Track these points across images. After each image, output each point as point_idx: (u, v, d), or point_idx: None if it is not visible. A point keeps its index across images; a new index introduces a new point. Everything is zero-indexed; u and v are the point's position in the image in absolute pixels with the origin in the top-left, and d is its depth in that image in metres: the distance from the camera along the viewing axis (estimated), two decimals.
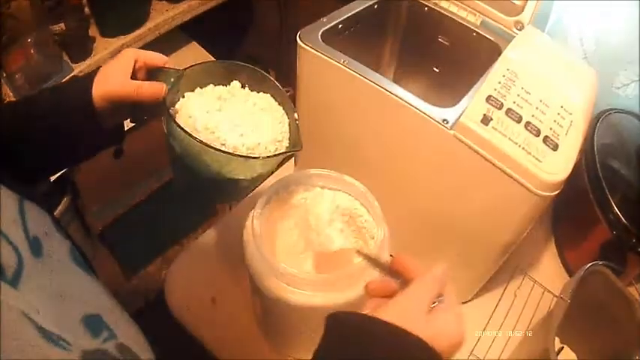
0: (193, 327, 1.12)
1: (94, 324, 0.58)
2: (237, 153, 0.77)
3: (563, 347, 1.12)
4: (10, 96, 1.52)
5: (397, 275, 0.70)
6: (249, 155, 0.78)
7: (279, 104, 0.88)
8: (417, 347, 0.56)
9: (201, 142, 0.73)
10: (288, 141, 0.85)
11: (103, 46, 1.68)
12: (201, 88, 0.87)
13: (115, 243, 1.97)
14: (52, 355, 0.46)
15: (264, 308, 0.98)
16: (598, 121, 1.24)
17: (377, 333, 0.57)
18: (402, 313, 0.60)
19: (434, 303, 0.64)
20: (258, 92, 0.88)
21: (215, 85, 0.88)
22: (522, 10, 1.07)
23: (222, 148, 0.75)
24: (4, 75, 1.52)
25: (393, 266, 0.71)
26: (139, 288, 1.97)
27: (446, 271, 0.67)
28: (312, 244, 0.92)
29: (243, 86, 0.88)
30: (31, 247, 0.56)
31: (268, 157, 0.79)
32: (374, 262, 0.76)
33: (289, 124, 0.86)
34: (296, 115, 0.86)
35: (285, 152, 0.82)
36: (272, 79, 0.87)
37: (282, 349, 1.09)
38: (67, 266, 0.63)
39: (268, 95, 0.88)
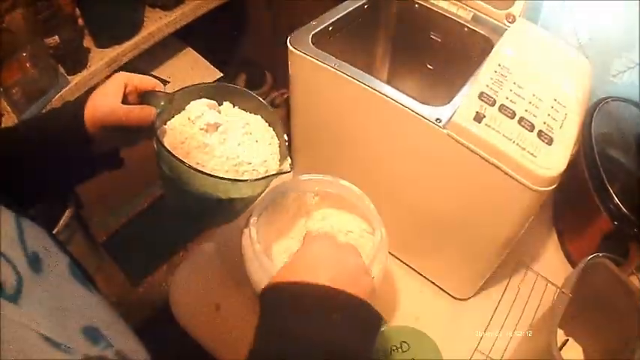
0: (198, 334, 1.12)
1: (92, 335, 0.59)
2: (226, 177, 0.77)
3: (568, 340, 1.11)
4: (8, 111, 1.53)
5: None
6: (238, 179, 0.78)
7: (269, 125, 0.87)
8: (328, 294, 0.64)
9: (189, 166, 0.73)
10: (278, 162, 0.85)
11: (98, 56, 1.68)
12: None
13: (120, 252, 1.97)
14: (55, 356, 0.48)
15: None
16: (595, 110, 1.23)
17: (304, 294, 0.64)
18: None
19: None
20: (249, 113, 0.88)
21: None
22: (513, 3, 1.07)
23: (211, 172, 0.75)
24: (1, 90, 1.52)
25: None
26: (145, 296, 1.97)
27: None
28: None
29: (233, 107, 0.88)
30: (30, 263, 0.56)
31: (257, 179, 0.79)
32: None
33: (279, 145, 0.86)
34: (285, 136, 0.86)
35: (274, 174, 0.81)
36: (262, 100, 0.88)
37: None
38: (66, 281, 0.63)
39: (259, 116, 0.88)
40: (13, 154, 0.77)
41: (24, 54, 1.50)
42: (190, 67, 2.02)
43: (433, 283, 1.21)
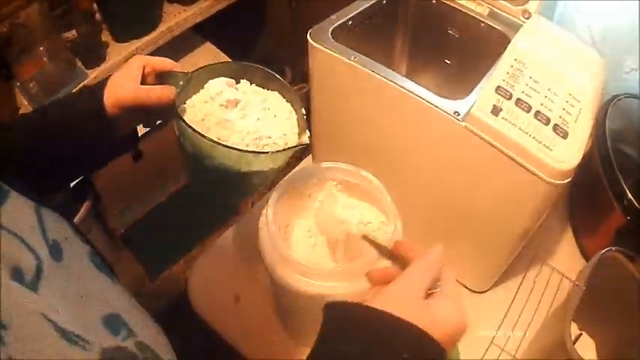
0: (218, 325, 1.13)
1: (113, 323, 0.59)
2: (248, 149, 0.79)
3: (581, 334, 1.12)
4: (24, 105, 1.54)
5: (399, 260, 0.72)
6: (260, 151, 0.80)
7: (287, 101, 0.89)
8: (414, 335, 0.56)
9: (211, 140, 0.75)
10: (297, 136, 0.86)
11: (116, 51, 1.70)
12: None
13: (138, 245, 1.98)
14: (73, 355, 0.47)
15: (278, 297, 1.00)
16: (609, 106, 1.24)
17: (373, 322, 0.57)
18: (397, 299, 0.60)
19: (433, 289, 0.63)
20: (266, 90, 0.90)
21: None
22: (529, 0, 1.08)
23: (233, 145, 0.77)
24: (18, 84, 1.54)
25: (394, 251, 0.74)
26: (162, 289, 1.98)
27: (442, 252, 0.67)
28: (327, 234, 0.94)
29: (250, 84, 0.90)
30: (51, 251, 0.57)
31: (278, 151, 0.81)
32: (377, 246, 0.79)
33: (297, 120, 0.88)
34: (303, 110, 0.88)
35: (294, 147, 0.83)
36: (279, 77, 0.89)
37: (300, 338, 1.10)
38: (87, 269, 0.64)
39: (276, 92, 0.89)
40: (33, 138, 0.78)
41: (41, 48, 1.51)
42: (210, 62, 2.02)
43: None
